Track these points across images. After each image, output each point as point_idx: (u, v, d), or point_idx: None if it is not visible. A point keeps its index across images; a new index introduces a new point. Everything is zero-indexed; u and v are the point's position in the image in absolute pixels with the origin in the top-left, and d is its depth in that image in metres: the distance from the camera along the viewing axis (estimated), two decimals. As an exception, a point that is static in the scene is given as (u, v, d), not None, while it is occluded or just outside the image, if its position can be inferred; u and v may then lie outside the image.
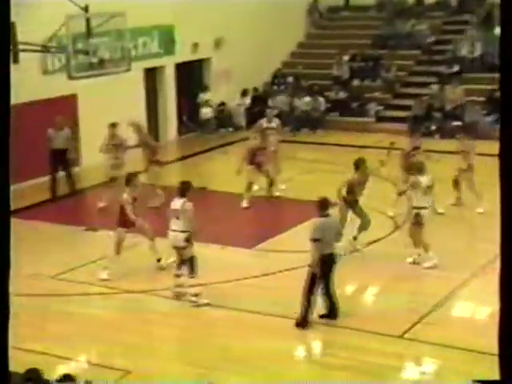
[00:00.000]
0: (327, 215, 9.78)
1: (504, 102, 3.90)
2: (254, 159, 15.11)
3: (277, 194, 15.54)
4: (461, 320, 10.23)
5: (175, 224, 10.63)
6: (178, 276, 10.82)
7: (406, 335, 9.50)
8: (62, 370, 7.80)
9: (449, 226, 13.47)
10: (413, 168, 12.00)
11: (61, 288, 11.43)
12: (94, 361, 9.40)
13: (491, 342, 9.17)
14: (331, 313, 9.86)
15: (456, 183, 14.57)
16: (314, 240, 9.61)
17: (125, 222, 11.53)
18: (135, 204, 11.61)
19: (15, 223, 14.60)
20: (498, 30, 22.71)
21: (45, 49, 15.69)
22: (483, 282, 11.04)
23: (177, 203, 10.70)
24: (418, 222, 11.47)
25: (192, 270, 10.60)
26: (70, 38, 14.82)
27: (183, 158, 20.15)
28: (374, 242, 12.72)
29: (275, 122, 16.71)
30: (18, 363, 7.89)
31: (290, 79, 23.93)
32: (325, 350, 9.56)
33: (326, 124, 22.40)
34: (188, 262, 10.63)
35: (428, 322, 9.86)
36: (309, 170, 17.64)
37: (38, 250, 12.64)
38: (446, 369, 8.76)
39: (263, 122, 16.49)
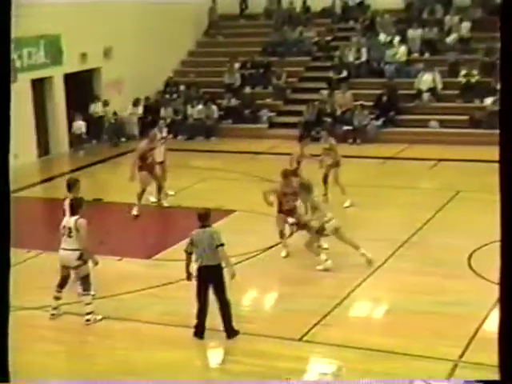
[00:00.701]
0: (205, 226, 9.69)
1: (503, 105, 3.95)
2: (145, 162, 14.94)
3: (165, 204, 15.43)
4: (357, 320, 10.45)
5: (66, 243, 10.28)
6: (57, 298, 10.54)
7: (305, 337, 9.63)
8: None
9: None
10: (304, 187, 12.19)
11: None
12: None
13: (387, 340, 9.52)
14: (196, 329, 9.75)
15: (325, 179, 15.23)
16: (186, 252, 9.65)
17: None
18: None
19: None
20: (381, 37, 23.52)
21: None
22: (378, 282, 11.35)
23: (70, 221, 10.37)
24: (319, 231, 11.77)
25: (87, 288, 10.37)
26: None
27: (76, 169, 19.75)
28: (273, 246, 12.85)
29: (165, 132, 16.71)
30: None
31: (182, 87, 23.92)
32: (227, 357, 9.56)
33: (219, 131, 22.51)
34: (82, 280, 10.37)
35: (326, 323, 10.02)
36: (204, 178, 17.65)
37: None
38: (345, 369, 8.92)
39: (157, 132, 16.38)
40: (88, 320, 10.27)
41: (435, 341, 9.33)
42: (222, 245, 9.51)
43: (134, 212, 14.86)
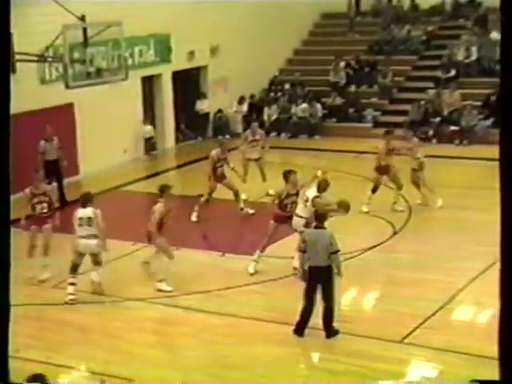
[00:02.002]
0: (320, 227, 9.70)
1: (504, 106, 3.88)
2: (216, 171, 15.04)
3: (250, 211, 15.23)
4: (461, 324, 10.22)
5: (88, 231, 11.14)
6: (73, 284, 11.17)
7: (406, 340, 9.50)
8: (64, 378, 7.77)
9: (438, 230, 13.53)
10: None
11: (59, 297, 11.41)
12: (95, 369, 9.39)
13: (492, 346, 9.23)
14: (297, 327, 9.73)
15: (415, 184, 14.79)
16: (302, 251, 9.65)
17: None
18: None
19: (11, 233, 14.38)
20: (493, 35, 22.82)
21: (42, 58, 15.73)
22: (482, 286, 11.06)
23: (87, 211, 11.20)
24: None
25: (98, 267, 11.36)
26: (66, 47, 14.83)
27: (181, 165, 20.17)
28: (375, 246, 12.72)
29: (259, 134, 16.63)
30: (17, 372, 7.91)
31: (287, 86, 23.98)
32: (326, 356, 9.54)
33: (323, 130, 22.43)
34: (98, 264, 11.33)
35: (428, 326, 9.86)
36: (308, 177, 17.60)
37: (36, 259, 12.58)
38: (447, 373, 8.75)
39: (248, 135, 16.52)
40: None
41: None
42: (338, 251, 9.50)
43: (193, 218, 14.94)
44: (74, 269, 11.23)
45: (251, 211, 15.06)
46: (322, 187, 11.76)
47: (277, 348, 9.56)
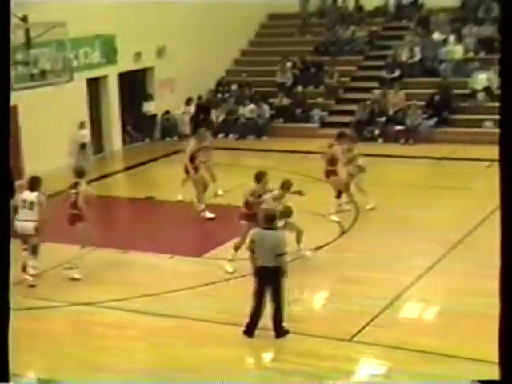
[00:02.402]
0: (269, 228, 9.68)
1: (504, 105, 3.91)
2: (194, 163, 15.01)
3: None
4: (409, 321, 10.36)
5: (26, 214, 11.45)
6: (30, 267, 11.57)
7: (355, 338, 9.59)
8: (9, 386, 7.63)
9: (385, 228, 13.69)
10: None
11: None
12: (42, 376, 9.25)
13: (439, 342, 9.41)
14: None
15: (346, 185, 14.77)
16: (251, 251, 9.68)
17: None
18: None
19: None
20: (435, 35, 23.23)
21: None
22: (429, 284, 11.24)
23: (31, 195, 11.56)
24: None
25: (35, 254, 11.58)
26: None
27: (129, 167, 20.03)
28: (325, 245, 12.82)
29: (208, 139, 16.49)
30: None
31: (234, 87, 24.01)
32: (276, 356, 9.57)
33: (271, 131, 22.53)
34: (33, 248, 11.55)
35: (376, 324, 9.96)
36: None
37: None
38: (395, 370, 8.85)
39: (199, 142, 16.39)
40: (28, 278, 11.51)
41: (486, 343, 9.16)
42: (284, 254, 9.55)
43: (208, 215, 14.78)
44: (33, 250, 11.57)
45: (210, 215, 14.91)
46: (286, 187, 11.92)
47: (228, 349, 9.55)
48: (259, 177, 12.03)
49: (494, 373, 8.50)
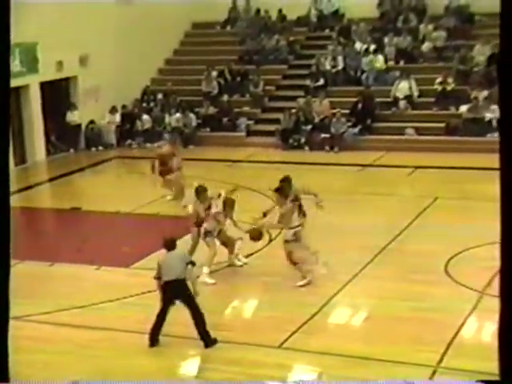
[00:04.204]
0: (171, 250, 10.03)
1: (503, 108, 3.97)
2: (164, 167, 15.78)
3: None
4: (337, 327, 10.49)
5: None
6: None
7: (284, 345, 9.66)
8: None
9: (313, 235, 13.84)
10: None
11: None
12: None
13: (368, 346, 9.57)
14: None
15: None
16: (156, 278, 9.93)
17: None
18: None
19: None
20: (357, 45, 23.66)
21: None
22: (356, 289, 11.41)
23: None
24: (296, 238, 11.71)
25: None
26: None
27: (54, 178, 19.68)
28: (252, 254, 12.87)
29: (172, 147, 16.99)
30: None
31: (160, 96, 23.91)
32: (205, 365, 9.56)
33: (197, 140, 22.51)
34: None
35: (305, 330, 10.06)
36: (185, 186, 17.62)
37: None
38: (325, 375, 8.95)
39: (163, 148, 16.73)
40: None
41: (414, 347, 9.39)
42: (192, 263, 9.81)
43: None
44: None
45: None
46: (229, 205, 12.23)
47: (156, 359, 9.50)
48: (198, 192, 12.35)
49: (422, 375, 8.74)
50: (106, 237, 14.52)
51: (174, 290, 9.67)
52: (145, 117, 23.04)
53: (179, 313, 9.76)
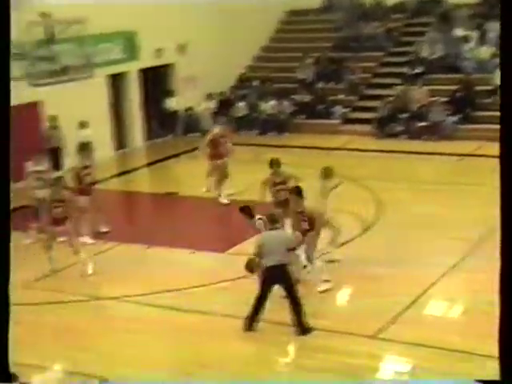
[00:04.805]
0: (274, 228, 9.87)
1: (504, 102, 3.90)
2: (215, 151, 15.53)
3: (225, 201, 15.50)
4: (433, 318, 10.30)
5: None
6: None
7: (379, 335, 9.55)
8: (36, 379, 7.70)
9: (409, 225, 13.61)
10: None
11: (33, 297, 11.29)
12: (69, 369, 9.31)
13: (463, 340, 9.34)
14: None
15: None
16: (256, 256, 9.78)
17: None
18: None
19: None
20: (457, 31, 23.03)
21: (7, 56, 15.52)
22: (453, 281, 11.17)
23: None
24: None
25: None
26: (31, 44, 14.68)
27: (151, 163, 20.08)
28: (348, 242, 12.77)
29: (225, 130, 16.82)
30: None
31: (255, 83, 23.98)
32: (299, 352, 9.56)
33: (292, 127, 22.48)
34: None
35: (401, 321, 9.92)
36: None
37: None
38: (419, 368, 8.80)
39: (215, 130, 16.57)
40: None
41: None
42: (295, 249, 9.59)
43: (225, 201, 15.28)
44: None
45: (226, 201, 15.20)
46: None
47: (251, 345, 9.57)
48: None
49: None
50: (201, 222, 14.70)
51: (275, 275, 9.61)
52: (240, 104, 23.19)
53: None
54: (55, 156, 15.88)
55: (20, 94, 16.67)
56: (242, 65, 25.02)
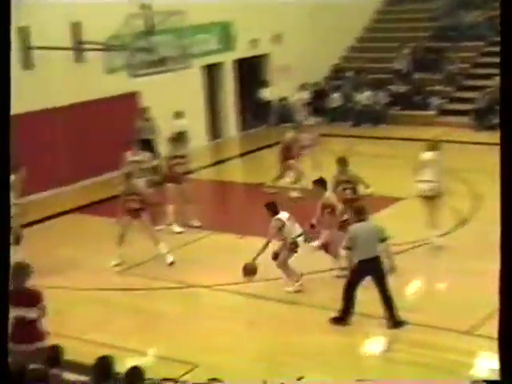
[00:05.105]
0: (362, 220, 9.72)
1: (504, 101, 3.77)
2: (290, 154, 15.58)
3: (294, 194, 15.51)
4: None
5: None
6: None
7: (476, 331, 9.32)
8: (129, 362, 7.88)
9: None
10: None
11: (126, 282, 11.58)
12: (161, 354, 9.50)
13: None
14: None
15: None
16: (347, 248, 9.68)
17: None
18: None
19: (83, 219, 14.85)
20: None
21: (107, 47, 15.93)
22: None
23: None
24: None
25: None
26: (131, 36, 14.98)
27: (244, 153, 20.21)
28: (445, 234, 12.50)
29: (312, 120, 16.80)
30: (85, 354, 8.05)
31: (350, 73, 23.76)
32: (391, 346, 9.44)
33: (387, 118, 22.17)
34: None
35: (497, 317, 9.62)
36: (370, 165, 17.43)
37: (105, 244, 12.78)
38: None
39: (303, 120, 16.61)
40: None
41: None
42: (386, 239, 9.50)
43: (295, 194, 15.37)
44: None
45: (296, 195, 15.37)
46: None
47: (341, 337, 9.51)
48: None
49: None
50: (294, 213, 14.64)
51: (368, 268, 9.51)
52: (334, 94, 23.04)
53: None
54: (149, 146, 16.13)
55: (119, 84, 17.21)
56: (336, 55, 24.84)
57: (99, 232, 13.60)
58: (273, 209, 10.91)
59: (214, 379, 6.37)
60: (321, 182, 11.44)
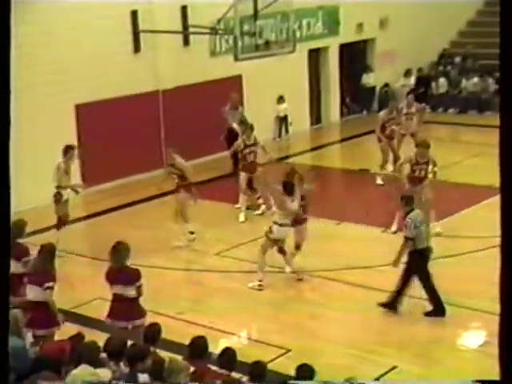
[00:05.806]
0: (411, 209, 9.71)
1: (504, 98, 3.61)
2: (384, 133, 15.48)
3: (379, 182, 15.44)
4: None
5: None
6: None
7: None
8: (223, 344, 8.03)
9: None
10: None
11: (223, 264, 11.75)
12: (254, 337, 9.62)
13: None
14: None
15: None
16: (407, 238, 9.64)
17: None
18: None
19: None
20: None
21: (213, 31, 16.10)
22: None
23: None
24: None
25: None
26: (237, 20, 15.09)
27: (345, 139, 20.09)
28: None
29: (415, 107, 16.40)
30: (180, 334, 8.24)
31: (457, 59, 23.16)
32: (492, 340, 9.22)
33: (495, 106, 21.50)
34: None
35: None
36: (476, 154, 17.03)
37: (201, 227, 12.98)
38: None
39: (403, 107, 16.27)
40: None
41: None
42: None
43: (379, 181, 15.36)
44: None
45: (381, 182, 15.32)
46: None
47: (438, 329, 9.39)
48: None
49: None
50: (393, 200, 14.48)
51: (427, 256, 9.59)
52: (441, 80, 22.53)
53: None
54: (232, 136, 16.05)
55: (224, 68, 17.39)
56: (444, 40, 24.22)
57: (195, 214, 13.66)
58: (289, 189, 10.72)
59: (305, 364, 6.41)
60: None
